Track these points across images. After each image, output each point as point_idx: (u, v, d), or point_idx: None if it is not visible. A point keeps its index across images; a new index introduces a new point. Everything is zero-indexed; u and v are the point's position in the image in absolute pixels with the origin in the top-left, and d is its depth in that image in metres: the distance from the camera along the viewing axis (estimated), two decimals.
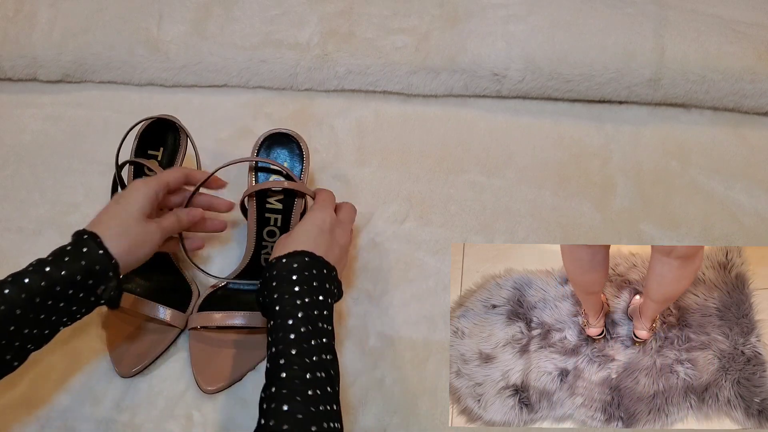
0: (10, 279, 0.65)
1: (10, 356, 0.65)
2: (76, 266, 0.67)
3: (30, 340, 0.66)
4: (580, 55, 0.96)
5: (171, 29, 1.00)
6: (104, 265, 0.69)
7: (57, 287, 0.66)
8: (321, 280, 0.71)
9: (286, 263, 0.71)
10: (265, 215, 0.84)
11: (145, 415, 0.79)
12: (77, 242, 0.69)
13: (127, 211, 0.73)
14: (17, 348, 0.65)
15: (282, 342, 0.66)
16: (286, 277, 0.70)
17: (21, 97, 1.03)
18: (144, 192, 0.75)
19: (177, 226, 0.79)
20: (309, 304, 0.69)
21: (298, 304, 0.68)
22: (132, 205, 0.74)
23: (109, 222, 0.71)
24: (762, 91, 0.96)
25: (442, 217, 0.92)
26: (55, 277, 0.66)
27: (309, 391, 0.62)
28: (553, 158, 0.97)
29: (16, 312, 0.64)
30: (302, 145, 0.85)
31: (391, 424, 0.78)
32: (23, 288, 0.65)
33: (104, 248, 0.69)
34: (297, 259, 0.71)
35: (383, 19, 1.01)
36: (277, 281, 0.70)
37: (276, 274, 0.71)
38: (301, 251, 0.72)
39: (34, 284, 0.65)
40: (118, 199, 0.75)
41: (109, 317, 0.84)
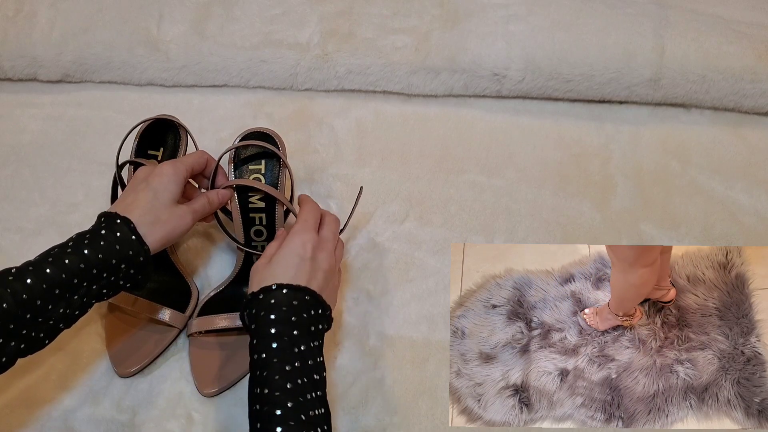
0: (51, 259, 0.67)
1: (43, 334, 0.67)
2: (112, 250, 0.69)
3: (62, 319, 0.68)
4: (580, 55, 0.96)
5: (171, 29, 1.00)
6: (137, 250, 0.70)
7: (93, 270, 0.68)
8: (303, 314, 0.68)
9: (263, 299, 0.69)
10: (249, 215, 0.84)
11: (145, 415, 0.79)
12: (110, 226, 0.70)
13: (158, 198, 0.74)
14: (50, 326, 0.67)
15: (278, 389, 0.63)
16: (265, 319, 0.67)
17: (21, 97, 1.03)
18: (174, 178, 0.76)
19: (208, 207, 0.79)
20: (305, 353, 0.66)
21: (296, 352, 0.66)
22: (163, 192, 0.74)
23: (139, 207, 0.72)
24: (762, 91, 0.96)
25: (442, 217, 0.92)
26: (93, 259, 0.67)
27: None
28: (553, 158, 0.97)
29: (55, 291, 0.65)
30: (279, 142, 0.85)
31: (391, 424, 0.78)
32: (64, 268, 0.66)
33: (137, 234, 0.70)
34: (275, 294, 0.69)
35: (383, 19, 1.01)
36: (257, 323, 0.68)
37: (255, 313, 0.68)
38: (278, 285, 0.69)
39: (74, 266, 0.67)
40: (148, 182, 0.75)
41: (109, 317, 0.84)
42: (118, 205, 0.73)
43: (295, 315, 0.68)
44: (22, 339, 0.65)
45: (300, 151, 0.96)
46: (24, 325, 0.64)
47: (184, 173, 0.77)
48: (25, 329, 0.64)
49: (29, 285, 0.64)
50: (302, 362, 0.66)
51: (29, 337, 0.65)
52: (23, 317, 0.64)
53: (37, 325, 0.65)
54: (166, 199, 0.74)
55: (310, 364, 0.66)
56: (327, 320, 0.72)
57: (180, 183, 0.76)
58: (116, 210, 0.72)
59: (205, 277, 0.88)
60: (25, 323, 0.64)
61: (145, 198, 0.73)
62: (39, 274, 0.65)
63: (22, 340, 0.65)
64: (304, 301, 0.69)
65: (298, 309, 0.68)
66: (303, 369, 0.65)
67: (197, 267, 0.89)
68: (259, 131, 0.85)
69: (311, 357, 0.67)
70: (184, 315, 0.83)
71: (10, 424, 0.78)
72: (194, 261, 0.89)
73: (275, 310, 0.67)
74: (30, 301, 0.64)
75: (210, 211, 0.80)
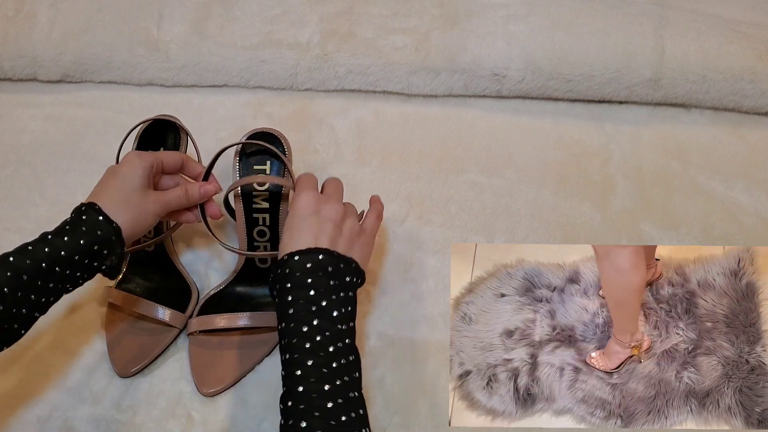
0: (15, 249, 0.67)
1: (17, 324, 0.67)
2: (79, 233, 0.69)
3: (35, 307, 0.68)
4: (580, 55, 0.96)
5: (171, 29, 1.00)
6: (106, 230, 0.70)
7: (62, 252, 0.68)
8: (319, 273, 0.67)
9: (279, 274, 0.68)
10: (253, 215, 0.84)
11: (145, 414, 0.79)
12: (77, 213, 0.71)
13: (123, 180, 0.74)
14: (24, 315, 0.67)
15: (297, 350, 0.63)
16: (282, 290, 0.67)
17: (21, 97, 1.03)
18: (138, 163, 0.76)
19: (184, 200, 0.79)
20: (324, 308, 0.65)
21: (313, 310, 0.65)
22: (128, 175, 0.75)
23: (107, 192, 0.73)
24: (762, 91, 0.96)
25: (442, 217, 0.92)
26: (58, 244, 0.68)
27: (329, 403, 0.60)
28: (553, 158, 0.97)
29: (23, 278, 0.65)
30: (284, 143, 0.85)
31: (391, 424, 0.78)
32: (27, 255, 0.67)
33: (104, 214, 0.71)
34: (288, 263, 0.68)
35: (383, 19, 1.01)
36: (279, 299, 0.67)
37: (277, 291, 0.68)
38: (289, 254, 0.68)
39: (38, 252, 0.67)
40: (113, 171, 0.76)
41: (109, 317, 0.84)
42: (88, 197, 0.74)
43: (311, 277, 0.67)
44: None
45: (300, 151, 0.96)
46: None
47: (152, 161, 0.77)
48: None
49: None
50: (321, 319, 0.64)
51: (2, 330, 0.65)
52: None
53: (11, 316, 0.65)
54: (134, 183, 0.74)
55: (335, 316, 0.65)
56: (353, 272, 0.70)
57: (147, 169, 0.76)
58: (85, 200, 0.73)
59: (205, 277, 0.88)
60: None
61: (113, 184, 0.74)
62: (2, 264, 0.66)
63: None
64: (317, 261, 0.67)
65: (314, 270, 0.67)
66: (323, 325, 0.64)
67: (197, 267, 0.89)
68: (265, 132, 0.85)
69: (335, 309, 0.65)
70: (184, 315, 0.83)
71: (10, 423, 0.78)
72: (194, 261, 0.89)
73: (290, 278, 0.67)
74: None
75: (186, 203, 0.79)
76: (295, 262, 0.68)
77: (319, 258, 0.68)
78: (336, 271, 0.68)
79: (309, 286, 0.66)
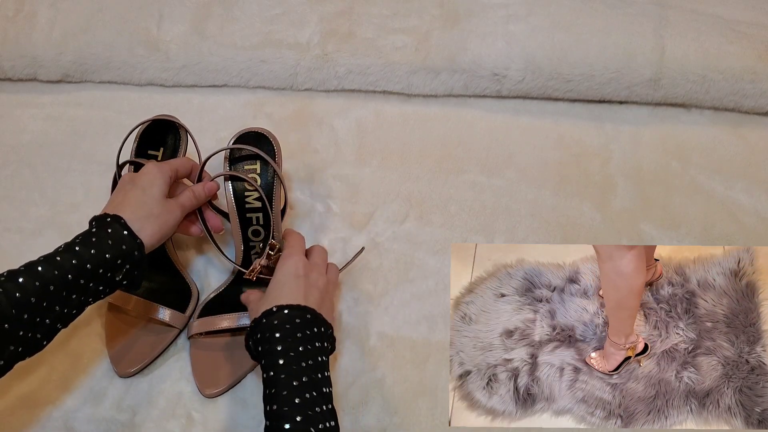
0: (42, 258, 0.67)
1: (40, 335, 0.67)
2: (105, 246, 0.69)
3: (59, 319, 0.68)
4: (580, 55, 0.96)
5: (171, 29, 1.00)
6: (130, 245, 0.71)
7: (88, 265, 0.68)
8: (306, 331, 0.69)
9: (266, 322, 0.69)
10: (246, 215, 0.84)
11: (145, 415, 0.79)
12: (101, 224, 0.71)
13: (144, 192, 0.75)
14: (47, 326, 0.67)
15: (279, 417, 0.63)
16: (271, 339, 0.67)
17: (21, 97, 1.03)
18: (160, 175, 0.77)
19: (194, 201, 0.80)
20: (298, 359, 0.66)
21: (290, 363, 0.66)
22: (151, 187, 0.76)
23: (130, 206, 0.74)
24: (762, 91, 0.96)
25: (442, 217, 0.92)
26: (85, 255, 0.68)
27: None
28: (553, 158, 0.97)
29: (49, 288, 0.66)
30: (273, 142, 0.85)
31: (391, 424, 0.78)
32: (56, 266, 0.67)
33: (129, 229, 0.71)
34: (277, 315, 0.69)
35: (383, 19, 1.01)
36: (263, 345, 0.68)
37: (260, 337, 0.69)
38: (279, 306, 0.70)
39: (66, 263, 0.67)
40: (133, 181, 0.76)
41: (109, 317, 0.84)
42: (108, 206, 0.74)
43: (300, 331, 0.68)
44: (19, 341, 0.64)
45: (300, 151, 0.96)
46: (20, 325, 0.64)
47: (170, 172, 0.78)
48: (21, 330, 0.64)
49: (21, 284, 0.64)
50: (310, 376, 0.66)
51: (26, 339, 0.65)
52: (19, 318, 0.64)
53: (35, 326, 0.65)
54: (155, 193, 0.75)
55: (319, 378, 0.66)
56: (329, 339, 0.72)
57: (166, 180, 0.77)
58: (106, 211, 0.73)
59: (205, 277, 0.88)
60: (21, 324, 0.64)
61: (134, 195, 0.75)
62: (31, 273, 0.65)
63: (19, 342, 0.65)
64: (305, 319, 0.70)
65: (302, 326, 0.69)
66: (312, 383, 0.65)
67: (197, 267, 0.89)
68: (254, 131, 0.85)
69: (320, 371, 0.67)
70: (184, 315, 0.83)
71: (11, 424, 0.78)
72: (194, 261, 0.89)
73: (279, 329, 0.68)
74: (24, 299, 0.64)
75: (196, 204, 0.81)
76: (285, 314, 0.69)
77: (307, 316, 0.70)
78: (320, 333, 0.70)
79: (299, 341, 0.67)
